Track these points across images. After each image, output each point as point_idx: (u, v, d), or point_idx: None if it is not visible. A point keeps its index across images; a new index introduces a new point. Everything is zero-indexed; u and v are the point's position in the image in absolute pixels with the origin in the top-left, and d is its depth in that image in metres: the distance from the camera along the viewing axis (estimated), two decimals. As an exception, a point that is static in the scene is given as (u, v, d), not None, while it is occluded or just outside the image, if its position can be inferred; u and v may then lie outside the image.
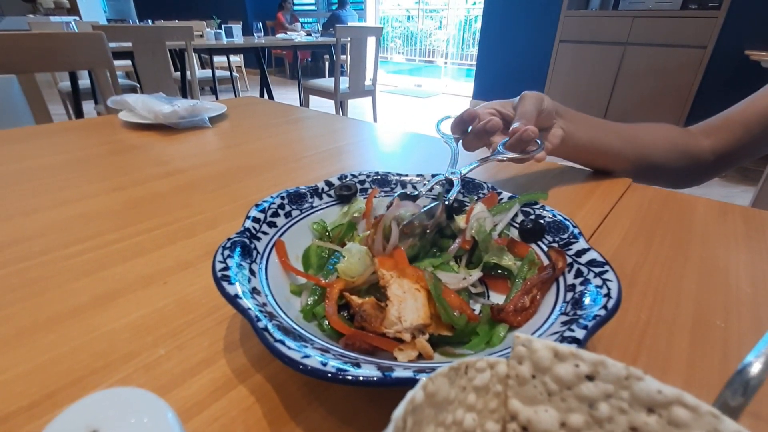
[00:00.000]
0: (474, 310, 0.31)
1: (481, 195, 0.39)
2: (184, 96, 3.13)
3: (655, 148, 0.60)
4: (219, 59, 4.67)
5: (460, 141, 0.47)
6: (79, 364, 0.27)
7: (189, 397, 0.25)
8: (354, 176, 0.41)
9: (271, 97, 3.56)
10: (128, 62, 3.00)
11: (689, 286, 0.37)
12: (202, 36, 3.55)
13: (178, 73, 3.19)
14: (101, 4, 6.40)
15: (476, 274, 0.31)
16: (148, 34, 2.20)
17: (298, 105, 3.66)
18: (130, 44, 2.15)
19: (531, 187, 0.57)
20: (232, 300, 0.23)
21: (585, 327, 0.22)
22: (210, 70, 3.65)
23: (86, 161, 0.63)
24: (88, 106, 2.73)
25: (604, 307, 0.23)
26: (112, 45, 2.24)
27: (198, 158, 0.66)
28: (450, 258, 0.33)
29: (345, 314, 0.28)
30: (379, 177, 0.42)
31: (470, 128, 0.46)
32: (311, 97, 3.49)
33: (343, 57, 3.50)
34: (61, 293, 0.34)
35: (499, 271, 0.32)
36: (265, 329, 0.21)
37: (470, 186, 0.40)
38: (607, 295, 0.24)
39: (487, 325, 0.27)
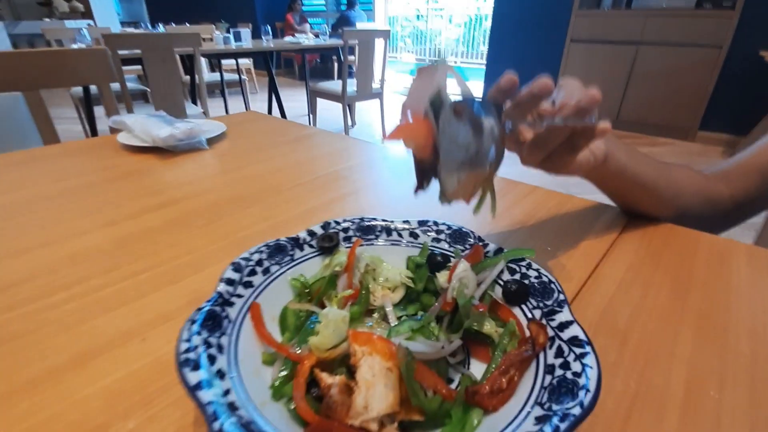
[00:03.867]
0: (452, 380, 0.30)
1: (467, 247, 0.38)
2: (194, 100, 3.16)
3: (685, 190, 0.54)
4: (229, 62, 4.70)
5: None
6: (48, 439, 0.27)
7: (152, 483, 0.24)
8: (337, 223, 0.40)
9: (279, 101, 3.57)
10: (140, 67, 3.03)
11: (684, 346, 0.35)
12: (212, 40, 3.57)
13: (189, 77, 3.22)
14: (115, 6, 6.49)
15: (456, 342, 0.30)
16: (157, 41, 2.22)
17: (306, 107, 3.68)
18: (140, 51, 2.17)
19: (527, 219, 0.56)
20: (191, 391, 0.22)
21: (557, 429, 0.21)
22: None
23: (81, 191, 0.64)
24: (100, 110, 2.77)
25: (580, 404, 0.22)
26: (123, 51, 2.27)
27: (192, 186, 0.66)
28: (431, 319, 0.32)
29: (316, 391, 0.27)
30: (363, 224, 0.41)
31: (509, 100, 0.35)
32: (319, 99, 3.49)
33: (351, 58, 3.49)
34: (40, 350, 0.34)
35: (481, 338, 0.31)
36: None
37: (456, 235, 0.39)
38: (585, 388, 0.23)
39: (461, 408, 0.26)
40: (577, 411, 0.21)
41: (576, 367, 0.24)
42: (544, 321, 0.29)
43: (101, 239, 0.51)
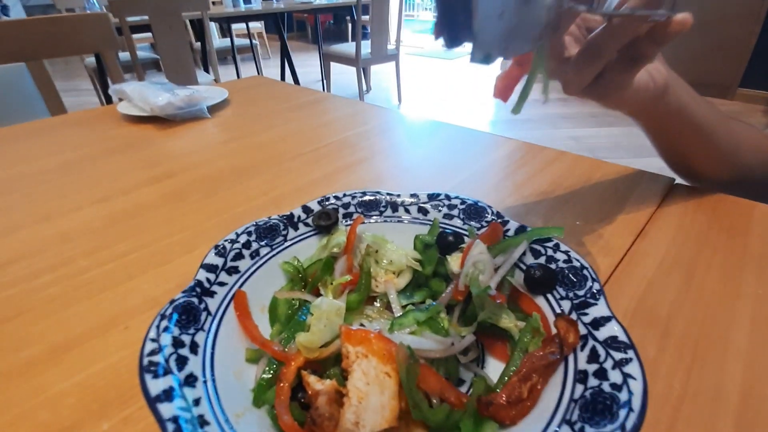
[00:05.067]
0: (464, 381, 0.26)
1: (483, 224, 0.33)
2: (205, 67, 3.09)
3: (745, 144, 0.47)
4: (240, 26, 4.56)
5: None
6: (13, 443, 0.24)
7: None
8: (337, 198, 0.36)
9: (292, 66, 3.47)
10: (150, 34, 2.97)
11: (739, 338, 0.30)
12: (221, 3, 3.45)
13: (200, 44, 3.14)
14: (124, -28, 6.34)
15: (468, 337, 0.26)
16: (164, 5, 2.15)
17: (320, 72, 3.55)
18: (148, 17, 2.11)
19: (553, 189, 0.50)
20: (151, 404, 0.19)
21: (592, 463, 0.16)
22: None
23: (78, 164, 0.61)
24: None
25: (622, 428, 0.17)
26: (133, 18, 2.21)
27: (190, 157, 0.62)
28: (441, 309, 0.28)
29: (304, 396, 0.23)
30: (366, 199, 0.36)
31: None
32: (333, 64, 3.36)
33: (365, 18, 3.31)
34: (17, 340, 0.32)
35: (498, 333, 0.27)
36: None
37: (471, 211, 0.34)
38: (628, 406, 0.18)
39: (472, 420, 0.22)
40: (617, 438, 0.17)
41: (615, 377, 0.20)
42: (574, 316, 0.25)
43: (93, 216, 0.48)
